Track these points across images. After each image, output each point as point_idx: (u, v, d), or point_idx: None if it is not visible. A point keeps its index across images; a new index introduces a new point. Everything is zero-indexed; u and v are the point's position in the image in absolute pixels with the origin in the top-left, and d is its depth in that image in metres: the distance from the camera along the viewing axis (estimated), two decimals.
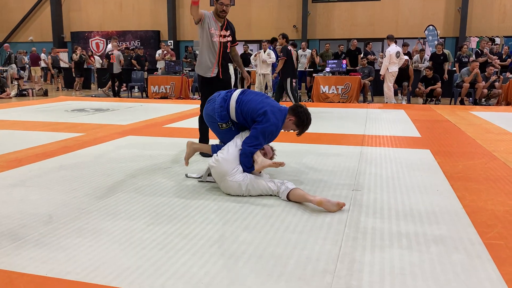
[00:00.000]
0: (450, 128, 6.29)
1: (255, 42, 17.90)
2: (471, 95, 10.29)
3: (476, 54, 11.81)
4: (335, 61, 11.38)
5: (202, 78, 4.28)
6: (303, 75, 13.02)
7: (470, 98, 10.36)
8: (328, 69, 11.23)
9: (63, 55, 17.89)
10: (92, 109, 8.84)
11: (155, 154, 4.48)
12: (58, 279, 1.90)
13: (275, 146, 3.60)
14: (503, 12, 16.37)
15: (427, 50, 13.70)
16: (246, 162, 3.05)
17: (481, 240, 2.32)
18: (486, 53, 11.57)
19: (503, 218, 2.66)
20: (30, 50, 18.00)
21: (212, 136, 4.13)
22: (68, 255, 2.12)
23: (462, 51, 11.61)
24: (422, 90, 10.50)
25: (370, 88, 11.25)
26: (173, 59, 13.54)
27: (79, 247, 2.22)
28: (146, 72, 13.58)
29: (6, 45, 16.72)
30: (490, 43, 12.86)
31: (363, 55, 12.26)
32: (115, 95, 12.31)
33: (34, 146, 4.86)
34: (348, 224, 2.55)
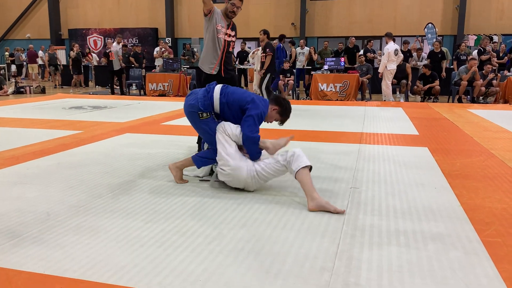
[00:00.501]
0: (448, 126, 6.30)
1: (253, 39, 17.86)
2: (469, 93, 10.30)
3: (478, 52, 11.82)
4: (333, 58, 11.39)
5: (206, 75, 4.27)
6: (301, 72, 13.02)
7: (468, 96, 10.36)
8: (326, 66, 11.24)
9: (61, 53, 17.83)
10: (89, 106, 8.81)
11: (153, 152, 4.47)
12: (55, 276, 1.90)
13: (272, 142, 3.57)
14: (500, 10, 16.38)
15: (426, 48, 13.69)
16: (256, 149, 3.10)
17: (478, 238, 2.32)
18: (489, 51, 11.57)
19: (501, 215, 2.67)
20: (28, 48, 17.95)
21: None
22: (65, 252, 2.12)
23: (460, 49, 11.61)
24: (420, 88, 10.50)
25: (368, 86, 11.24)
26: (171, 56, 13.52)
27: (77, 244, 2.21)
28: (144, 70, 13.55)
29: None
30: (489, 41, 12.87)
31: (363, 53, 12.24)
32: (113, 93, 12.26)
33: (31, 144, 4.84)
34: (346, 221, 2.55)
